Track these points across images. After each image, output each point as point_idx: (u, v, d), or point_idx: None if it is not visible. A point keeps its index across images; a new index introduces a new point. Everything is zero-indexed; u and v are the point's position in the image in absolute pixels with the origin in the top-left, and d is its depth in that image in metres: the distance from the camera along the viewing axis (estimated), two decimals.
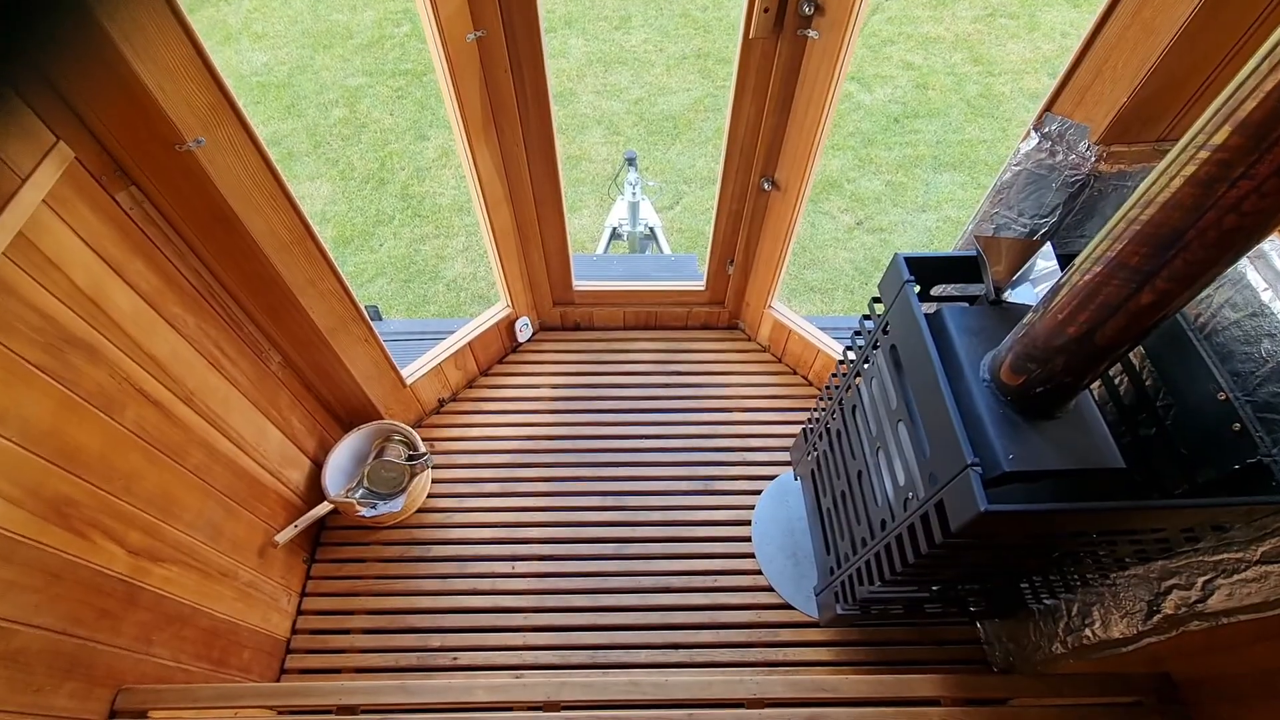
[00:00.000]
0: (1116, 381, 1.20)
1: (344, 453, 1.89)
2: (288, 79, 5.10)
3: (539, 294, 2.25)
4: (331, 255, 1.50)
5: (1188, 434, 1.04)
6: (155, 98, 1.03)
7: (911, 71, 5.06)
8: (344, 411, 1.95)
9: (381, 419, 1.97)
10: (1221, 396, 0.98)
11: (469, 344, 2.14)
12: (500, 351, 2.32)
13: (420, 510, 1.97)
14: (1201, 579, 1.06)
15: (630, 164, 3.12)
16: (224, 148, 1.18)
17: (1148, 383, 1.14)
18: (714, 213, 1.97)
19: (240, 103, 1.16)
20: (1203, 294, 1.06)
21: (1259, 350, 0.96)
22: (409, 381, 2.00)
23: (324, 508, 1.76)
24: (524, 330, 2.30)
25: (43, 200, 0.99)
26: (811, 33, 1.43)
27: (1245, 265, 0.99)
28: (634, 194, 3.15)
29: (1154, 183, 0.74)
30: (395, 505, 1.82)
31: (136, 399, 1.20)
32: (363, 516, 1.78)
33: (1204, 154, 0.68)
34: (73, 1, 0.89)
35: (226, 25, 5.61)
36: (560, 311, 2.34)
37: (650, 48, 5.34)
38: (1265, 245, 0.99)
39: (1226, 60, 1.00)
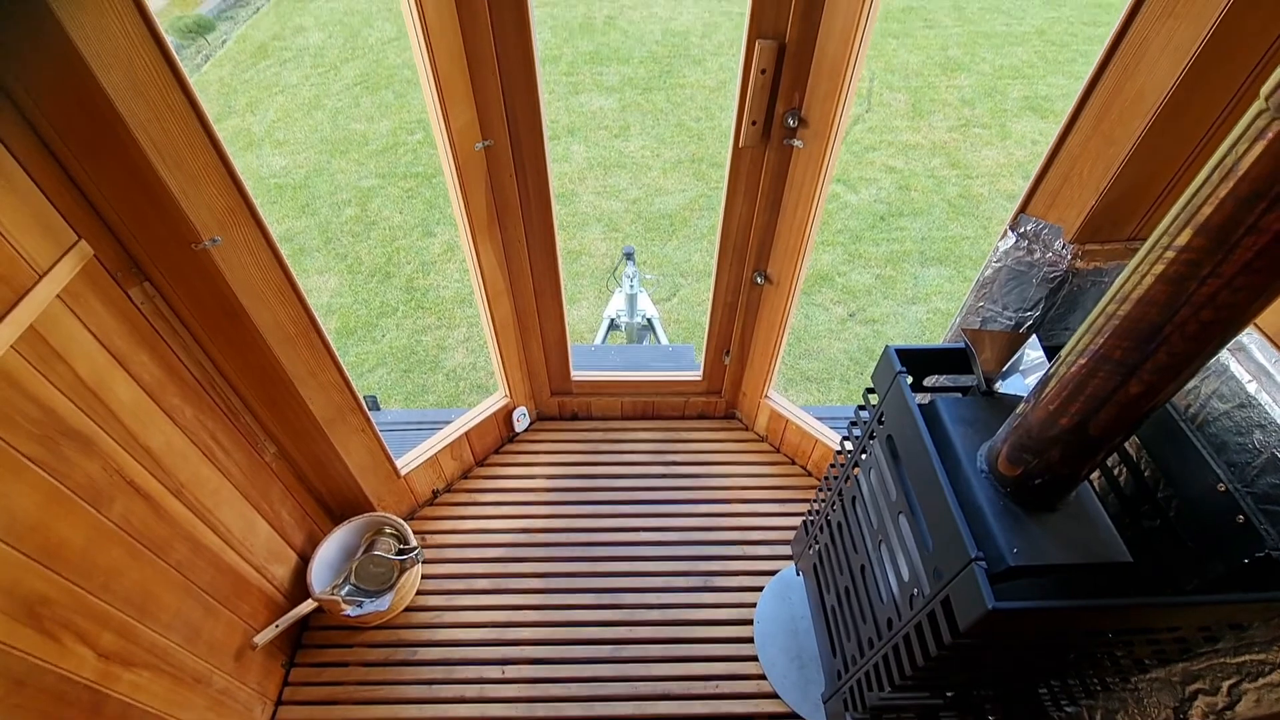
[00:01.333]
0: (1116, 472, 1.20)
1: (332, 547, 1.83)
2: (304, 181, 5.38)
3: (537, 384, 2.27)
4: (334, 346, 1.53)
5: (1192, 526, 1.02)
6: (178, 201, 1.09)
7: (894, 175, 5.36)
8: (336, 503, 1.91)
9: (373, 511, 1.93)
10: (1221, 488, 0.98)
11: (465, 434, 2.14)
12: (497, 441, 2.30)
13: (408, 609, 1.89)
14: (1226, 683, 1.00)
15: (628, 258, 3.24)
16: (238, 246, 1.23)
17: (1146, 474, 1.13)
18: (709, 305, 2.03)
19: (257, 204, 1.22)
20: (1190, 385, 1.07)
21: (1252, 441, 0.96)
22: (404, 472, 1.98)
23: (307, 605, 1.69)
24: (521, 420, 2.30)
25: (57, 295, 1.02)
26: (796, 142, 1.53)
27: (1227, 357, 1.02)
28: (632, 286, 3.25)
29: (1128, 279, 0.77)
30: (382, 604, 1.74)
31: (126, 492, 1.18)
32: (347, 616, 1.70)
33: (1170, 254, 0.71)
34: (110, 115, 0.96)
35: (250, 133, 5.99)
36: (558, 401, 2.35)
37: (648, 153, 5.69)
38: (1244, 338, 1.01)
39: (1186, 165, 1.07)
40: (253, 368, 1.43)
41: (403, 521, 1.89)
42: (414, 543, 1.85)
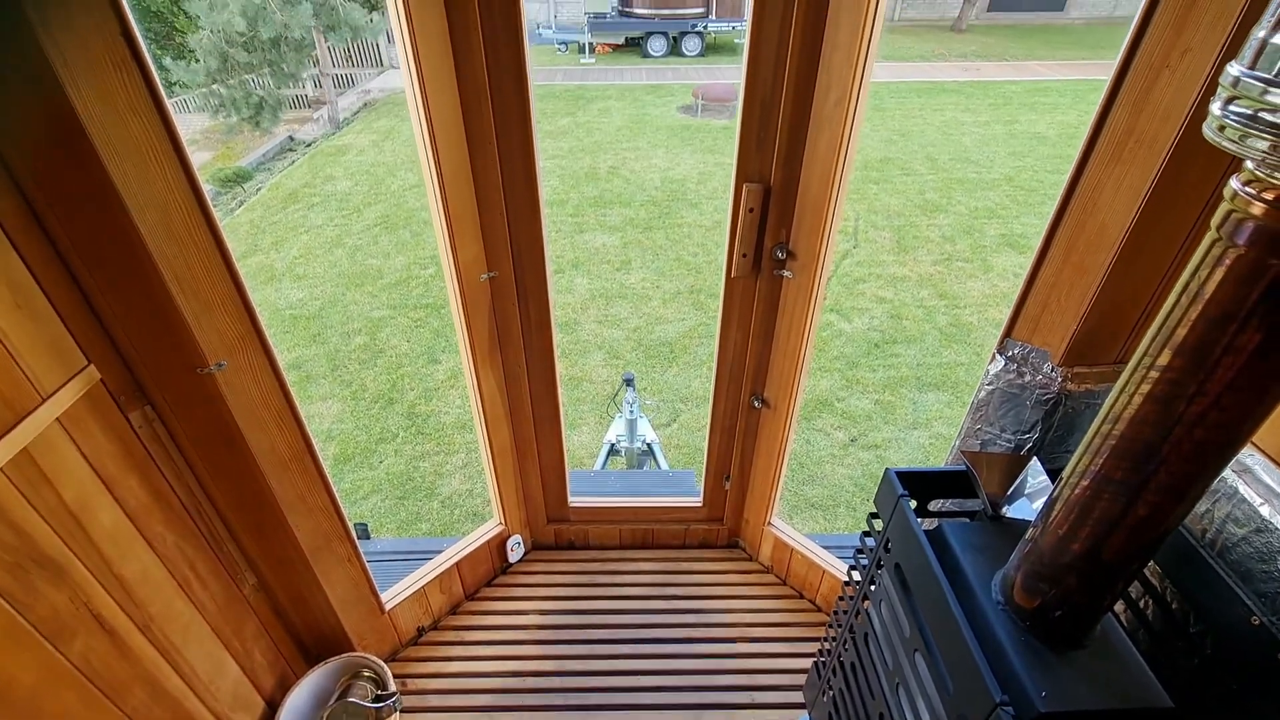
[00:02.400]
0: (1141, 605, 1.13)
1: (304, 693, 1.69)
2: (319, 311, 5.60)
3: (533, 511, 2.21)
4: (327, 471, 1.51)
5: (1231, 665, 0.94)
6: (190, 327, 1.13)
7: (885, 304, 5.58)
8: (313, 641, 1.78)
9: (353, 650, 1.79)
10: (1255, 621, 0.91)
11: (456, 564, 2.04)
12: (489, 573, 2.20)
13: None
14: None
15: (628, 384, 3.29)
16: (243, 371, 1.26)
17: (1174, 606, 1.06)
18: (708, 429, 2.02)
19: (267, 331, 1.27)
20: (1202, 509, 1.04)
21: (1276, 569, 0.91)
22: (388, 607, 1.87)
23: None
24: (515, 549, 2.21)
25: (56, 418, 1.03)
26: (786, 273, 1.61)
27: (1234, 479, 1.00)
28: (632, 411, 3.26)
29: (1117, 399, 0.78)
30: None
31: (90, 627, 1.11)
32: None
33: (1154, 374, 0.72)
34: (139, 251, 1.03)
35: (273, 269, 6.33)
36: (554, 529, 2.27)
37: (648, 285, 5.96)
38: (1247, 459, 1.00)
39: (1158, 291, 1.12)
40: (242, 492, 1.40)
41: (382, 664, 1.75)
42: (393, 688, 1.70)
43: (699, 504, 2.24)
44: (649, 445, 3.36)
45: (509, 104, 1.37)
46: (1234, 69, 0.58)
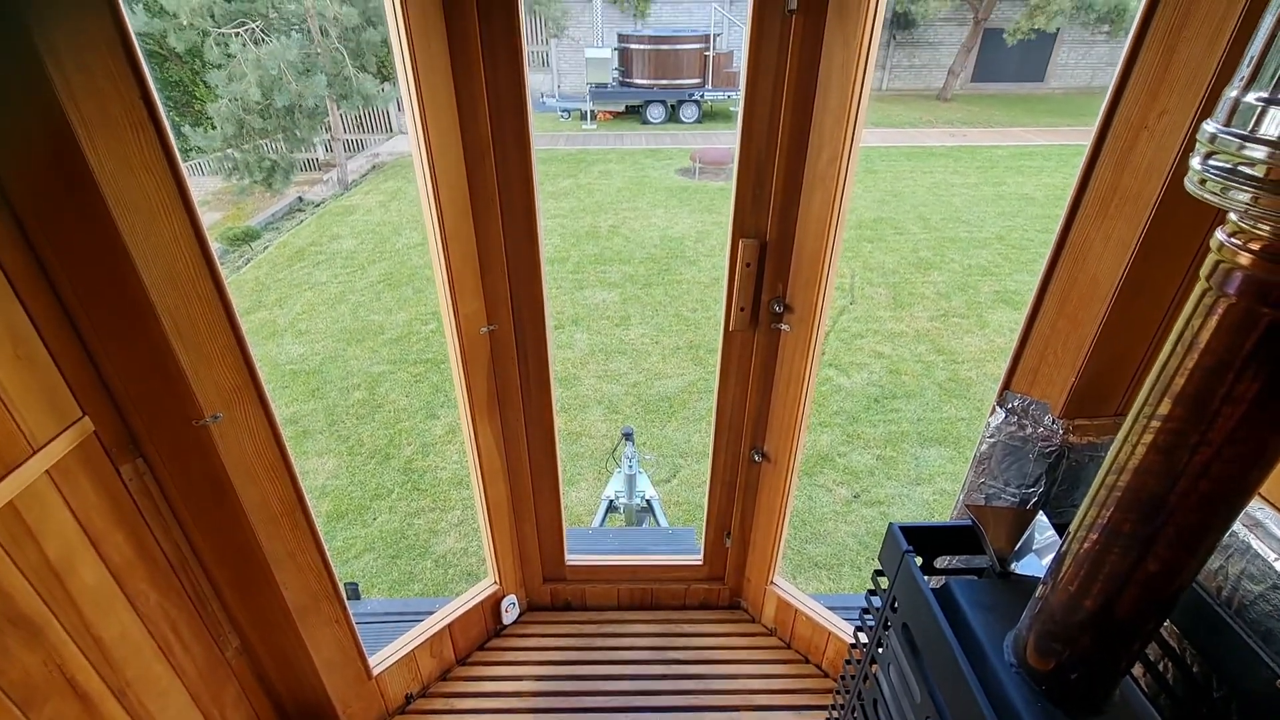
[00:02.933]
0: (1161, 668, 1.08)
1: None
2: (319, 366, 5.62)
3: (529, 570, 2.15)
4: (318, 527, 1.48)
5: None
6: (188, 379, 1.13)
7: (883, 360, 5.60)
8: (295, 707, 1.70)
9: (336, 718, 1.71)
10: None
11: (448, 626, 1.97)
12: (482, 635, 2.12)
13: None
14: None
15: (627, 439, 3.26)
16: (238, 423, 1.25)
17: (1195, 669, 1.02)
18: (708, 483, 1.99)
19: (265, 384, 1.26)
20: (1215, 565, 1.01)
21: None
22: (375, 672, 1.79)
23: None
24: (510, 610, 2.14)
25: (46, 470, 1.01)
26: (784, 326, 1.63)
27: (1246, 534, 0.97)
28: (631, 467, 3.22)
29: (1120, 449, 0.77)
30: None
31: (61, 691, 1.06)
32: None
33: (1156, 423, 0.72)
34: (142, 303, 1.04)
35: (275, 324, 6.39)
36: (550, 589, 2.21)
37: (647, 340, 6.00)
38: (1258, 514, 0.98)
39: (1155, 341, 1.12)
40: (230, 548, 1.37)
41: None
42: None
43: (699, 562, 2.18)
44: (648, 501, 3.31)
45: (511, 163, 1.41)
46: (1210, 126, 0.60)
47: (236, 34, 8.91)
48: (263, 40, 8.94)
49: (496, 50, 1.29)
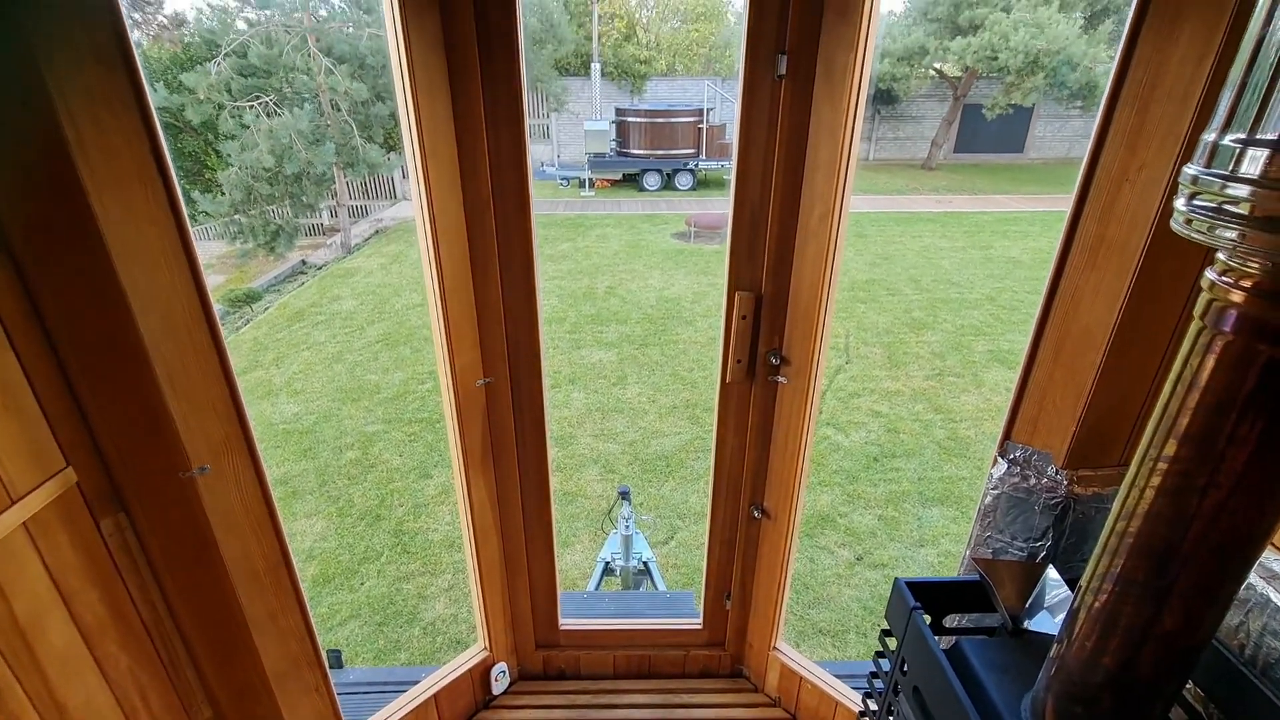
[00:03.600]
0: None
1: None
2: (312, 426, 5.56)
3: (521, 635, 2.06)
4: (303, 589, 1.42)
5: None
6: (178, 429, 1.11)
7: (881, 419, 5.58)
8: None
9: None
10: None
11: (434, 696, 1.87)
12: (470, 706, 2.00)
13: None
14: None
15: (624, 498, 3.19)
16: (226, 476, 1.22)
17: None
18: (706, 540, 1.94)
19: (255, 436, 1.24)
20: (1235, 620, 0.97)
21: None
22: None
23: None
24: (500, 679, 2.03)
25: (23, 523, 0.98)
26: (781, 379, 1.62)
27: (1265, 587, 0.94)
28: (627, 527, 3.14)
29: (1128, 495, 0.75)
30: None
31: None
32: None
33: (1163, 465, 0.70)
34: (138, 352, 1.03)
35: (271, 384, 6.37)
36: (543, 655, 2.11)
37: (644, 399, 5.98)
38: (1276, 565, 0.95)
39: (1154, 388, 1.12)
40: (209, 609, 1.31)
41: None
42: None
43: (699, 626, 2.10)
44: (645, 564, 3.21)
45: (511, 217, 1.44)
46: (1191, 169, 0.62)
47: (251, 107, 9.30)
48: (275, 113, 9.33)
49: (499, 111, 1.35)
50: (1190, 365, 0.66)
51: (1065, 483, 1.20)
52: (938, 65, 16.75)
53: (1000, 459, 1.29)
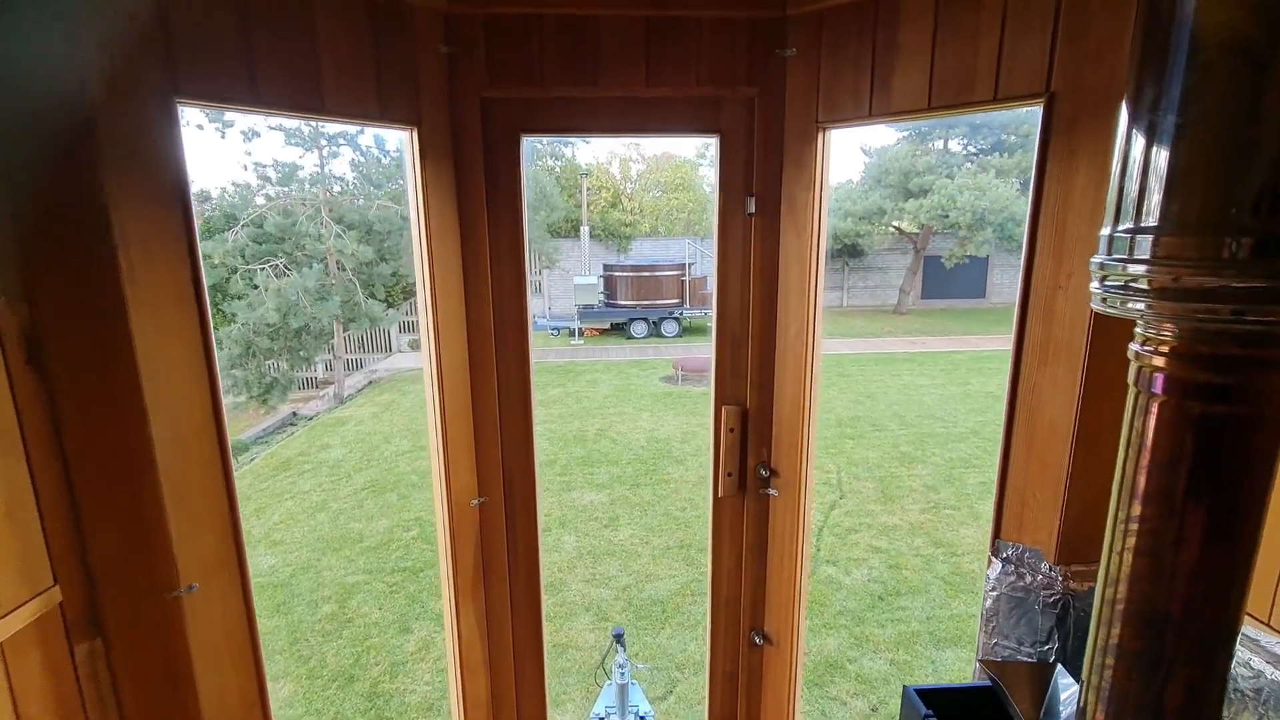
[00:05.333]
0: None
1: None
2: (288, 579, 5.29)
3: None
4: None
5: None
6: (172, 542, 1.11)
7: (881, 554, 5.41)
8: None
9: None
10: None
11: None
12: None
13: None
14: None
15: (618, 641, 3.00)
16: (213, 597, 1.19)
17: None
18: (707, 674, 1.83)
19: (247, 555, 1.23)
20: (1247, 691, 0.95)
21: None
22: None
23: None
24: None
25: (1, 642, 0.95)
26: (771, 491, 1.65)
27: (1266, 669, 0.93)
28: (623, 676, 2.92)
29: (1109, 561, 0.78)
30: None
31: None
32: None
33: (1134, 525, 0.74)
34: (143, 448, 1.07)
35: (250, 535, 6.13)
36: None
37: (637, 541, 5.80)
38: (1263, 639, 0.95)
39: None
40: None
41: None
42: None
43: None
44: (643, 719, 2.94)
45: (509, 340, 1.55)
46: (1098, 259, 0.73)
47: (262, 269, 9.91)
48: (285, 274, 9.92)
49: (501, 249, 1.51)
50: (1135, 428, 0.73)
51: (1060, 579, 1.20)
52: (896, 223, 18.42)
53: (994, 558, 1.29)
